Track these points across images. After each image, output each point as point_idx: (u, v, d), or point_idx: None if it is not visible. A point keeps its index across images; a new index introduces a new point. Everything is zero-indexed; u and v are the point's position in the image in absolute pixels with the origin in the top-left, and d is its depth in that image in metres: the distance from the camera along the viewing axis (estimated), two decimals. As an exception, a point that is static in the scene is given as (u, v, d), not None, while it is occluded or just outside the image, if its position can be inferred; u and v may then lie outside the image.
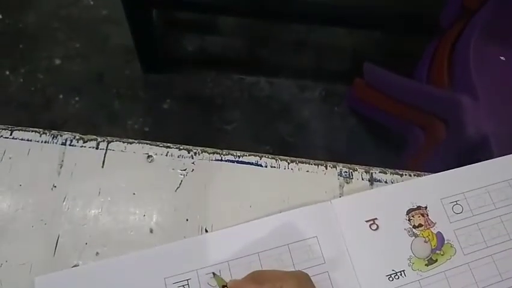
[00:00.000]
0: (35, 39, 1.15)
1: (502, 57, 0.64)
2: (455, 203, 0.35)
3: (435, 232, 0.34)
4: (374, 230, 0.33)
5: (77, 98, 1.09)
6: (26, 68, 1.12)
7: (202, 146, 0.37)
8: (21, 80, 1.11)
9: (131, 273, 0.31)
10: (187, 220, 0.34)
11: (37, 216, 0.33)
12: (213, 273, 0.31)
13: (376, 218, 0.34)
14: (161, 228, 0.34)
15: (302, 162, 0.37)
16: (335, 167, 0.37)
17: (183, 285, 0.31)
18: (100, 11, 1.19)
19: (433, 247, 0.34)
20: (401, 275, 0.32)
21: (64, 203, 0.34)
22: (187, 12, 1.16)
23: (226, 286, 0.30)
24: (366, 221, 0.34)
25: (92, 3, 1.20)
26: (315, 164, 0.37)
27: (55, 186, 0.35)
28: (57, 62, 1.13)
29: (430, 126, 0.74)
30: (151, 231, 0.34)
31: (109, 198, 0.35)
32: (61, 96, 1.09)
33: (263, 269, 0.32)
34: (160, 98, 1.11)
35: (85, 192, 0.35)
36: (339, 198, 0.35)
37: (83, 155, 0.36)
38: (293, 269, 0.32)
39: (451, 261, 0.33)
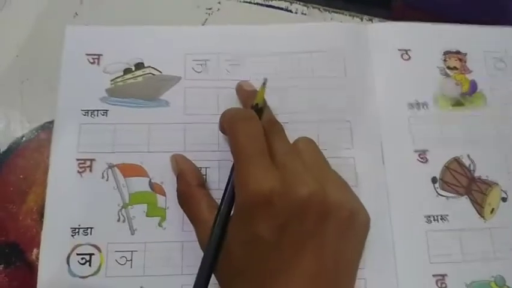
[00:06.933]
0: None
1: None
2: (498, 59, 0.33)
3: (469, 79, 0.32)
4: (405, 60, 0.32)
5: None
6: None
7: None
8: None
9: (157, 43, 0.31)
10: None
11: (58, 40, 0.32)
12: (265, 80, 0.27)
13: (410, 50, 0.32)
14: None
15: (336, 12, 0.35)
16: (371, 20, 0.35)
17: (201, 64, 0.31)
18: None
19: (463, 91, 0.32)
20: (423, 106, 0.31)
21: (85, 29, 0.33)
22: None
23: (258, 106, 0.26)
24: (399, 50, 0.32)
25: None
26: (350, 16, 0.35)
27: (77, 14, 0.34)
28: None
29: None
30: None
31: (131, 29, 0.33)
32: None
33: (279, 70, 0.31)
34: None
35: (108, 21, 0.33)
36: (375, 23, 0.34)
37: (106, -15, 0.34)
38: (308, 74, 0.31)
39: (478, 109, 0.31)
